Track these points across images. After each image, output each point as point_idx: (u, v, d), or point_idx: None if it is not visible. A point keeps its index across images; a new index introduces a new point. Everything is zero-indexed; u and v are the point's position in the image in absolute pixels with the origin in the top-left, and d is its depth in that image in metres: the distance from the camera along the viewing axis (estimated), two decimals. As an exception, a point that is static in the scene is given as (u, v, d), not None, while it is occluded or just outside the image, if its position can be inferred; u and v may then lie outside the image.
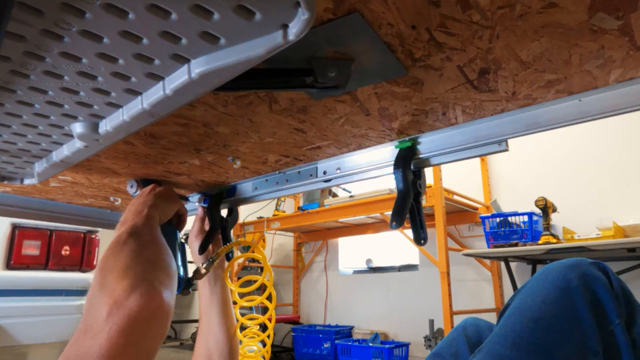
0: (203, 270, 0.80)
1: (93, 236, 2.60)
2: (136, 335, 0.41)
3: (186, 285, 0.77)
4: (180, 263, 0.78)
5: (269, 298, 0.90)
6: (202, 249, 0.88)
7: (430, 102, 0.57)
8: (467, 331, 0.81)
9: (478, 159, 3.17)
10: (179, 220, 0.84)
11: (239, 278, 0.90)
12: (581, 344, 0.55)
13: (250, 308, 0.94)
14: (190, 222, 0.96)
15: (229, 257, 0.94)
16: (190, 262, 0.87)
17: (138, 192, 0.86)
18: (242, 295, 0.94)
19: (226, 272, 0.88)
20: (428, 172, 2.30)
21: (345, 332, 3.47)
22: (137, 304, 0.43)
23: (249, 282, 0.91)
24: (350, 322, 3.72)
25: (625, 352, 0.56)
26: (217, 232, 0.92)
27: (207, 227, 0.93)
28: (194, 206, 0.99)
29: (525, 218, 2.45)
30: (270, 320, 0.89)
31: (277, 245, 4.49)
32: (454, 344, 0.80)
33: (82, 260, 2.54)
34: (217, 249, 0.93)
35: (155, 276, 0.49)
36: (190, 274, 0.80)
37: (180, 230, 0.85)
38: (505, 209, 2.72)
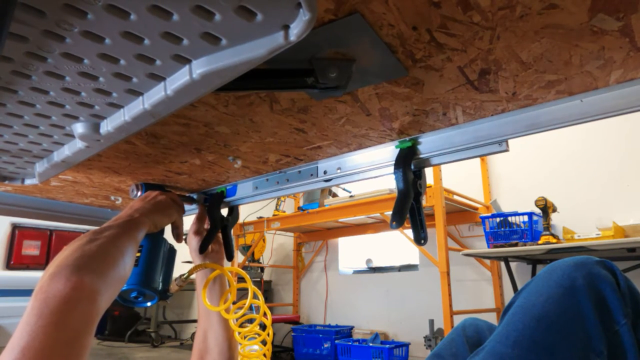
0: (176, 287, 0.79)
1: (93, 236, 2.60)
2: (55, 316, 0.43)
3: (161, 296, 0.76)
4: (160, 274, 0.77)
5: (265, 315, 0.89)
6: (203, 249, 0.88)
7: (431, 103, 0.57)
8: (466, 331, 0.81)
9: (478, 159, 3.17)
10: (176, 232, 0.83)
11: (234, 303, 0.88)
12: (584, 344, 0.54)
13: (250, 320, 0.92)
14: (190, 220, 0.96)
15: (230, 256, 0.94)
16: (189, 261, 0.87)
17: (139, 195, 0.86)
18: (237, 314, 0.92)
19: (204, 291, 0.85)
20: (428, 172, 2.30)
21: (345, 332, 3.47)
22: (55, 287, 0.45)
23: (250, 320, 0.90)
24: (350, 322, 3.71)
25: (631, 352, 0.55)
26: (218, 231, 0.92)
27: (206, 226, 0.93)
28: (193, 205, 0.99)
29: (525, 218, 2.44)
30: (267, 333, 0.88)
31: (277, 245, 4.49)
32: (454, 344, 0.80)
33: (82, 260, 2.53)
34: (217, 249, 0.93)
35: (83, 262, 0.49)
36: (177, 282, 0.79)
37: (179, 241, 0.86)
38: (505, 209, 2.72)
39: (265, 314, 0.89)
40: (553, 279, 0.59)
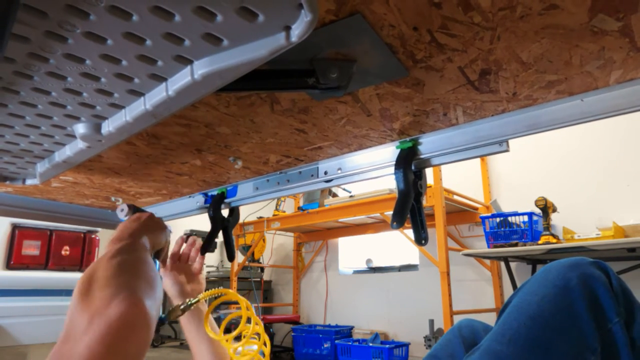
0: (179, 312, 0.74)
1: (93, 236, 2.60)
2: (116, 342, 0.40)
3: (159, 322, 0.73)
4: None
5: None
6: (204, 251, 0.88)
7: (431, 103, 0.57)
8: (462, 332, 0.81)
9: (478, 159, 3.17)
10: (162, 256, 0.79)
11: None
12: (579, 342, 0.55)
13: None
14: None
15: (231, 256, 0.93)
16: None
17: (128, 216, 0.83)
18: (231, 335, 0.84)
19: (206, 320, 0.80)
20: (428, 172, 2.29)
21: (345, 332, 3.47)
22: (118, 310, 0.42)
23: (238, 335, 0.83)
24: (350, 322, 3.71)
25: (624, 350, 0.56)
26: (219, 232, 0.92)
27: (182, 261, 0.90)
28: (194, 205, 0.99)
29: (525, 218, 2.44)
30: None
31: (277, 245, 4.49)
32: (450, 345, 0.80)
33: (82, 260, 2.54)
34: (195, 287, 0.87)
35: (137, 285, 0.47)
36: (183, 307, 0.74)
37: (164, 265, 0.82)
38: (505, 209, 2.72)
39: (264, 342, 0.83)
40: (548, 279, 0.60)
